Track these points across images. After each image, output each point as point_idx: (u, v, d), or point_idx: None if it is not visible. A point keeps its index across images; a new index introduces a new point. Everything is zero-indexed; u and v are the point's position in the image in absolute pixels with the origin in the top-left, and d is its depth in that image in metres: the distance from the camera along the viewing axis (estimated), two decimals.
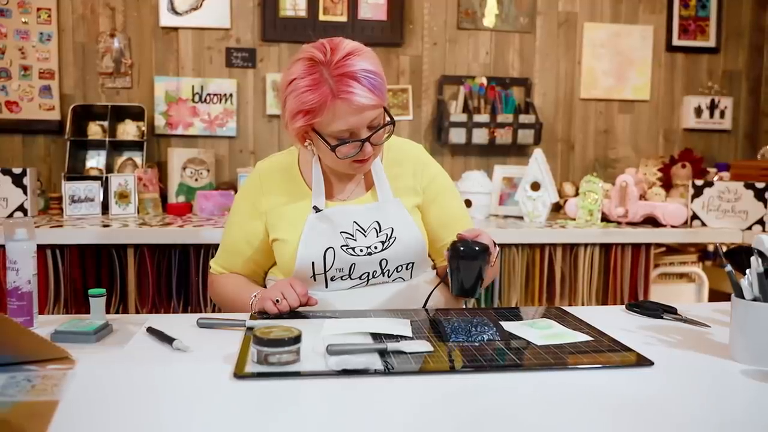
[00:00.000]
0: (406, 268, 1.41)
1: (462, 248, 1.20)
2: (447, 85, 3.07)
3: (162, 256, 2.22)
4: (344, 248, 1.35)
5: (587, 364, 1.01)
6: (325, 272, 1.36)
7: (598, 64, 3.18)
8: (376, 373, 0.95)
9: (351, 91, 1.20)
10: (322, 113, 1.22)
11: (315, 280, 1.37)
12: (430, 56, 3.07)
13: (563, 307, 1.37)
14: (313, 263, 1.35)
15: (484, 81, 3.00)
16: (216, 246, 2.09)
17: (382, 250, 1.37)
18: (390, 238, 1.37)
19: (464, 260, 1.20)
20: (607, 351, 1.07)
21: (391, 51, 3.02)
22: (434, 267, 1.54)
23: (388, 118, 1.30)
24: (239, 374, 0.94)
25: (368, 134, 1.27)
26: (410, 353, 1.04)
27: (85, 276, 2.18)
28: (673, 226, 2.52)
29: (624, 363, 1.02)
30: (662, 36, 3.23)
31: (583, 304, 2.42)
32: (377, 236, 1.37)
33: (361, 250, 1.36)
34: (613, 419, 0.82)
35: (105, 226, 2.25)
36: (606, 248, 2.44)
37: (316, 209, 1.36)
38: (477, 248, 1.20)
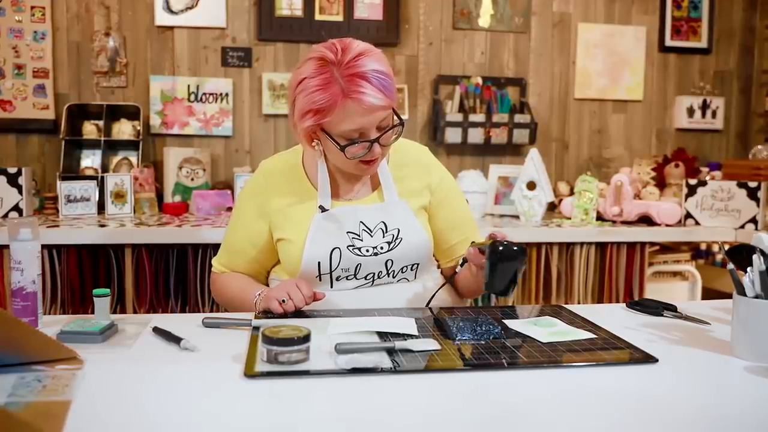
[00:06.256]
0: (411, 269, 1.41)
1: (501, 249, 1.20)
2: (443, 84, 3.08)
3: (160, 256, 2.21)
4: (350, 248, 1.35)
5: (593, 361, 1.02)
6: (331, 272, 1.36)
7: (591, 65, 3.21)
8: (385, 371, 0.96)
9: (362, 91, 1.20)
10: (332, 113, 1.23)
11: (320, 280, 1.37)
12: (426, 56, 3.08)
13: (564, 305, 1.39)
14: (319, 263, 1.35)
15: (480, 81, 3.01)
16: (214, 246, 2.08)
17: (389, 250, 1.37)
18: (396, 238, 1.37)
19: (502, 261, 1.20)
20: (611, 348, 1.08)
21: (387, 51, 3.02)
22: (439, 267, 1.55)
23: (396, 120, 1.30)
24: (249, 373, 0.94)
25: (377, 135, 1.27)
26: (418, 351, 1.04)
27: (83, 276, 2.17)
28: (667, 225, 2.54)
29: (629, 360, 1.04)
30: (655, 37, 3.26)
31: (579, 302, 2.44)
32: (383, 237, 1.37)
33: (368, 251, 1.36)
34: (620, 415, 0.84)
35: (101, 225, 2.24)
36: (601, 247, 2.46)
37: (323, 209, 1.36)
38: (516, 248, 1.20)
